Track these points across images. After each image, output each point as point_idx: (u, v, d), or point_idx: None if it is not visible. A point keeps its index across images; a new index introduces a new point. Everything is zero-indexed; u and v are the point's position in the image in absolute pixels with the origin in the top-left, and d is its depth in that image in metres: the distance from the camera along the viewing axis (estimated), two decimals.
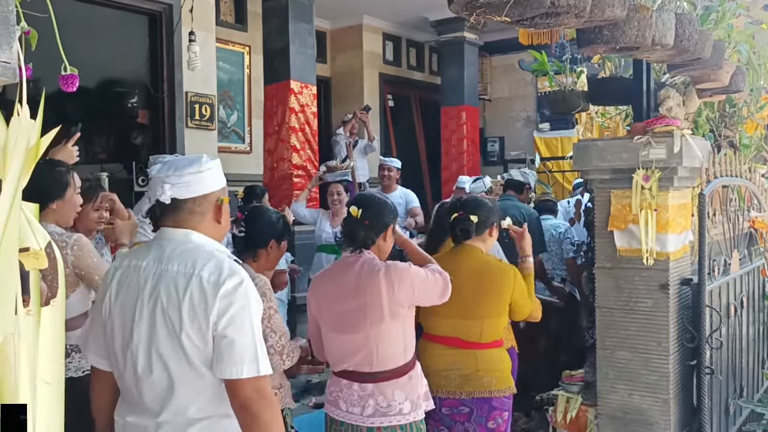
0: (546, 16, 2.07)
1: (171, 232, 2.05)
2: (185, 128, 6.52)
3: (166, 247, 2.03)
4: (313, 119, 6.87)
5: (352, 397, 2.72)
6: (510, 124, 11.17)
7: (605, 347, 3.50)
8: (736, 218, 4.27)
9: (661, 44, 2.59)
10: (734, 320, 4.01)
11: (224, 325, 1.90)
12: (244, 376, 1.89)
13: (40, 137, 1.07)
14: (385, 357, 2.69)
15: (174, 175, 2.01)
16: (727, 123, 4.82)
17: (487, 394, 3.09)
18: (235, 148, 8.17)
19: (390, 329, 2.68)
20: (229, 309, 1.90)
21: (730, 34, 3.66)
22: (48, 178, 2.77)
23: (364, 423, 2.68)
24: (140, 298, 1.98)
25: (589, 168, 3.48)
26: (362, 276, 2.70)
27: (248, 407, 1.90)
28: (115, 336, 2.03)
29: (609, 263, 3.48)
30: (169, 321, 1.93)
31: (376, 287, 2.65)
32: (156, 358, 1.95)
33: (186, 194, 2.02)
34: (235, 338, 1.90)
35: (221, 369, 1.90)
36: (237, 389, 1.90)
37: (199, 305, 1.90)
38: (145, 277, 2.00)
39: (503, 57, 10.89)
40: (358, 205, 2.79)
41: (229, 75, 8.14)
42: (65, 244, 2.74)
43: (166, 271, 1.97)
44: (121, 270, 2.08)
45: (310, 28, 6.91)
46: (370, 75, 9.94)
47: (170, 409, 1.96)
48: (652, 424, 3.38)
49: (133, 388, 2.01)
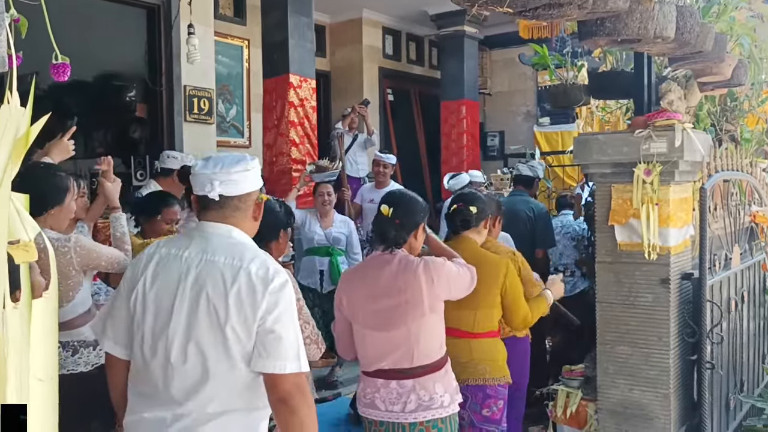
0: (549, 7, 2.05)
1: (214, 226, 2.09)
2: (184, 122, 6.49)
3: (210, 238, 2.06)
4: (312, 113, 6.84)
5: (391, 396, 2.72)
6: (510, 118, 11.14)
7: (605, 342, 3.49)
8: (737, 213, 4.25)
9: (662, 37, 2.57)
10: (735, 315, 4.00)
11: (272, 321, 1.94)
12: (288, 372, 1.93)
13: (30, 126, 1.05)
14: (425, 351, 2.73)
15: (222, 172, 2.06)
16: (729, 117, 4.80)
17: (482, 382, 3.15)
18: (234, 142, 8.14)
19: (429, 323, 2.73)
20: (277, 305, 1.95)
21: (731, 27, 3.64)
22: (49, 184, 2.79)
23: (407, 419, 2.69)
24: (182, 286, 1.99)
25: (590, 162, 3.47)
26: (400, 273, 2.72)
27: (287, 402, 1.93)
28: (146, 321, 2.03)
29: (609, 258, 3.47)
30: (213, 311, 1.95)
31: (416, 283, 2.69)
32: (193, 347, 1.96)
33: (234, 192, 2.07)
34: (283, 335, 1.94)
35: (265, 363, 1.93)
36: (278, 384, 1.94)
37: (247, 298, 1.93)
38: (188, 265, 2.02)
39: (503, 51, 10.85)
40: (389, 203, 2.81)
41: (228, 69, 8.11)
42: (67, 249, 2.77)
43: (212, 261, 2.00)
44: (157, 257, 2.10)
45: (309, 21, 6.87)
46: (369, 69, 9.91)
47: (196, 400, 1.97)
48: (652, 419, 3.37)
49: (158, 378, 2.00)
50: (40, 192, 2.73)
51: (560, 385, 3.84)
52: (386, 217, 2.79)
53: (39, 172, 2.81)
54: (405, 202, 2.85)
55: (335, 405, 5.19)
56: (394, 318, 2.71)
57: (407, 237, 2.82)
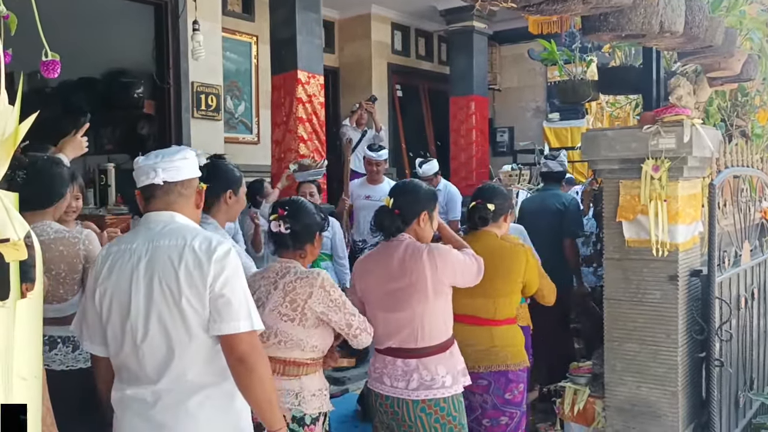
0: (552, 2, 2.03)
1: (156, 215, 2.21)
2: (191, 118, 6.51)
3: (154, 227, 2.18)
4: (320, 109, 6.83)
5: (396, 372, 2.86)
6: (520, 114, 11.11)
7: (613, 339, 3.48)
8: (748, 209, 4.21)
9: (670, 31, 2.54)
10: (745, 312, 3.97)
11: (220, 285, 2.07)
12: (242, 331, 2.06)
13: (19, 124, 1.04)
14: (430, 333, 2.85)
15: (164, 161, 2.20)
16: (739, 112, 4.77)
17: (504, 368, 3.27)
18: (242, 138, 8.15)
19: (434, 307, 2.86)
20: (223, 271, 2.08)
21: (741, 21, 3.60)
22: (56, 176, 2.81)
23: (410, 396, 2.83)
24: (135, 274, 2.12)
25: (598, 158, 3.45)
26: (407, 257, 2.86)
27: (245, 360, 2.06)
28: (111, 314, 2.16)
29: (617, 254, 3.45)
30: (167, 289, 2.08)
31: (420, 267, 2.82)
32: (155, 326, 2.09)
33: (176, 177, 2.21)
34: (231, 297, 2.08)
35: (220, 326, 2.07)
36: (234, 344, 2.07)
37: (195, 270, 2.07)
38: (138, 255, 2.14)
39: (513, 46, 10.81)
40: (391, 194, 2.98)
41: (237, 65, 8.11)
42: (77, 239, 2.77)
43: (158, 246, 2.13)
44: (111, 256, 2.20)
45: (317, 17, 6.86)
46: (378, 65, 9.89)
47: (169, 375, 2.10)
48: (660, 417, 3.35)
49: (132, 360, 2.14)
50: (49, 184, 2.75)
51: (568, 382, 3.82)
52: (386, 207, 2.95)
53: (45, 165, 2.82)
54: (407, 192, 2.99)
55: (343, 401, 5.18)
56: (401, 301, 2.85)
57: (404, 226, 2.94)
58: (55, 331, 2.69)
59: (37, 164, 2.78)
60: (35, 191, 2.68)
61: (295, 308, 2.58)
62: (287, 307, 2.58)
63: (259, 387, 2.10)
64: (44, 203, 2.75)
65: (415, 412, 2.82)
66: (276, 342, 2.60)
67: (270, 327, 2.56)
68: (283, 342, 2.60)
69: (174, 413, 2.12)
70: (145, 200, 2.25)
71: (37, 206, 2.73)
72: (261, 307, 2.56)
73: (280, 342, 2.60)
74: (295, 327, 2.59)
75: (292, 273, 2.64)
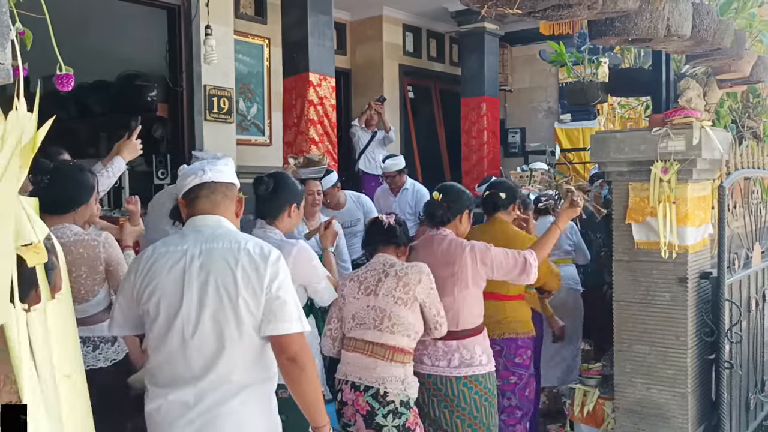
0: (558, 8, 2.04)
1: (204, 219, 2.29)
2: (204, 121, 6.55)
3: (203, 230, 2.26)
4: (332, 111, 6.85)
5: (437, 353, 3.19)
6: (531, 115, 11.08)
7: (622, 341, 3.48)
8: (759, 211, 4.20)
9: (678, 35, 2.55)
10: (755, 314, 3.96)
11: (276, 288, 2.18)
12: (294, 331, 2.18)
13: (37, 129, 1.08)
14: (468, 317, 3.21)
15: (209, 163, 2.34)
16: (751, 114, 4.75)
17: (514, 336, 3.67)
18: (255, 140, 8.19)
19: (472, 295, 3.23)
20: (278, 275, 2.19)
21: (751, 23, 3.59)
22: (78, 182, 2.85)
23: (452, 373, 3.16)
24: (188, 275, 2.19)
25: (607, 160, 3.45)
26: (451, 249, 3.25)
27: (297, 360, 2.18)
28: (160, 312, 2.21)
29: (627, 256, 3.45)
30: (223, 289, 2.16)
31: (464, 260, 3.19)
32: (207, 322, 2.16)
33: (221, 178, 2.32)
34: (287, 299, 2.19)
35: (275, 326, 2.17)
36: (288, 344, 2.18)
37: (252, 272, 2.16)
38: (190, 256, 2.21)
39: (524, 47, 10.78)
40: (440, 191, 3.41)
41: (249, 67, 8.15)
42: (97, 242, 2.81)
43: (212, 248, 2.21)
44: (157, 256, 2.27)
45: (328, 20, 6.88)
46: (390, 66, 9.90)
47: (216, 372, 2.17)
48: (669, 419, 3.35)
49: (178, 356, 2.19)
50: (70, 190, 2.80)
51: (577, 384, 3.83)
52: (436, 200, 3.38)
53: (70, 171, 2.87)
54: (453, 191, 3.43)
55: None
56: (445, 288, 3.15)
57: (452, 218, 3.36)
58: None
59: (61, 169, 2.83)
60: (57, 196, 2.75)
61: (407, 292, 2.92)
62: (401, 291, 2.92)
63: (309, 385, 2.21)
64: (66, 208, 2.80)
65: (458, 387, 3.15)
66: (390, 325, 2.91)
67: (384, 310, 2.92)
68: (396, 325, 2.91)
69: (215, 415, 2.17)
70: (190, 203, 2.32)
71: (58, 210, 2.77)
72: (372, 294, 2.96)
73: (393, 325, 2.91)
74: (406, 311, 2.92)
75: (399, 263, 3.03)
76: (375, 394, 2.89)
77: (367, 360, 2.93)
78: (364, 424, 2.88)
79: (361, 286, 3.04)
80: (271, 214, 2.99)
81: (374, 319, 2.94)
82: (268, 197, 2.98)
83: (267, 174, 3.04)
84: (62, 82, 1.46)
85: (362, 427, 2.88)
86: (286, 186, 3.03)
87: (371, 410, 2.87)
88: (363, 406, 2.88)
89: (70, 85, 1.48)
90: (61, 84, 1.47)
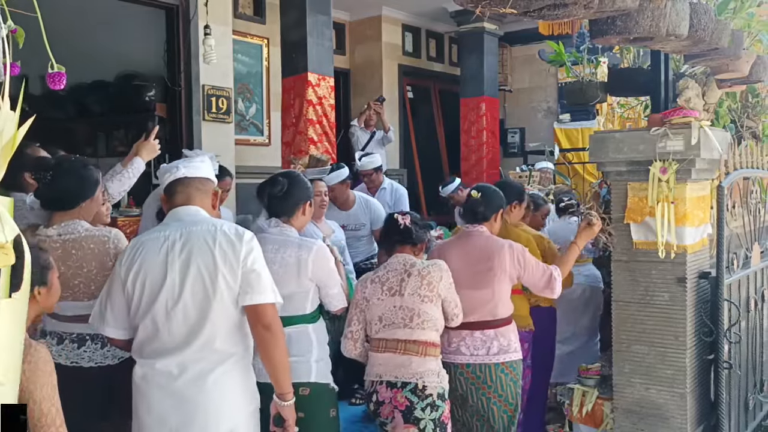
0: (554, 8, 2.04)
1: (184, 209, 2.53)
2: (202, 121, 6.53)
3: (184, 218, 2.50)
4: (330, 111, 6.83)
5: (475, 343, 3.32)
6: (531, 115, 11.06)
7: (621, 341, 3.48)
8: (757, 210, 4.19)
9: (675, 35, 2.55)
10: (755, 314, 3.96)
11: (251, 261, 2.40)
12: (269, 301, 2.40)
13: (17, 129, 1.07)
14: (502, 308, 3.36)
15: (185, 161, 2.61)
16: (750, 113, 4.75)
17: None
18: (254, 140, 8.18)
19: (505, 288, 3.38)
20: (252, 251, 2.43)
21: (749, 23, 3.58)
22: (81, 177, 2.83)
23: (492, 360, 3.30)
24: (171, 255, 2.40)
25: (606, 160, 3.45)
26: (489, 245, 3.40)
27: (271, 327, 2.40)
28: (145, 291, 2.42)
29: (625, 256, 3.45)
30: (203, 265, 2.38)
31: (503, 256, 3.34)
32: (188, 295, 2.37)
33: (195, 173, 2.56)
34: (261, 272, 2.42)
35: (252, 297, 2.39)
36: (263, 312, 2.40)
37: (229, 249, 2.39)
38: (172, 239, 2.43)
39: (524, 47, 10.77)
40: (477, 190, 3.54)
41: (248, 67, 8.14)
42: (107, 238, 2.78)
43: (192, 231, 2.44)
44: (140, 244, 2.50)
45: (327, 20, 6.86)
46: (389, 66, 9.89)
47: (199, 341, 2.38)
48: (668, 419, 3.35)
49: (162, 328, 2.40)
50: (74, 185, 2.80)
51: (576, 384, 3.83)
52: (476, 199, 3.47)
53: (72, 166, 2.86)
54: (490, 191, 3.55)
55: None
56: (484, 281, 3.32)
57: (490, 215, 3.47)
58: (84, 328, 2.71)
59: (63, 165, 2.83)
60: (62, 191, 2.76)
61: (432, 290, 3.04)
62: (425, 289, 3.03)
63: (280, 352, 2.44)
64: (71, 203, 2.79)
65: (496, 373, 3.29)
66: (419, 322, 3.02)
67: (412, 309, 3.02)
68: (425, 321, 3.03)
69: (198, 385, 2.36)
70: (169, 197, 2.57)
71: (64, 206, 2.77)
72: (397, 294, 3.05)
73: (423, 322, 3.03)
74: (432, 307, 3.05)
75: (419, 262, 3.12)
76: (413, 389, 2.98)
77: (402, 358, 3.01)
78: (402, 419, 2.97)
79: (383, 287, 3.09)
80: (286, 213, 3.06)
81: (403, 318, 3.02)
82: (282, 196, 3.04)
83: (280, 174, 3.15)
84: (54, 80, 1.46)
85: (400, 423, 2.97)
86: (300, 184, 3.12)
87: (410, 405, 2.96)
88: (402, 402, 2.98)
89: (61, 83, 1.48)
90: (53, 82, 1.46)
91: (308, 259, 2.91)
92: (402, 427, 2.97)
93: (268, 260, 2.60)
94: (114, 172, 3.53)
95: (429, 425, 2.96)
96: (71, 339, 2.73)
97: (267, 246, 2.83)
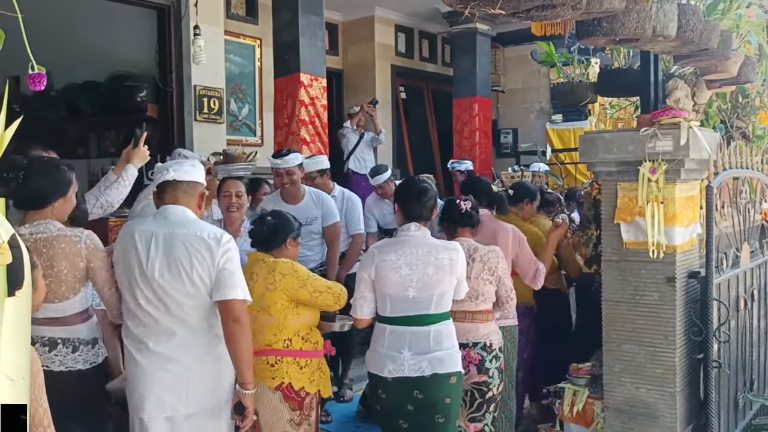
0: (542, 9, 2.04)
1: (171, 208, 2.82)
2: (194, 122, 6.54)
3: (169, 217, 2.79)
4: (323, 112, 6.83)
5: None
6: (524, 115, 11.08)
7: (611, 340, 3.49)
8: (747, 210, 4.21)
9: (663, 35, 2.56)
10: (744, 313, 3.97)
11: (224, 261, 2.72)
12: (239, 298, 2.72)
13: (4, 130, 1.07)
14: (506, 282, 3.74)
15: (175, 164, 2.88)
16: (740, 114, 4.76)
17: None
18: (246, 141, 8.17)
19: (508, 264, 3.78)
20: (227, 252, 2.74)
21: (738, 24, 3.60)
22: (53, 176, 2.82)
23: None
24: (154, 241, 2.74)
25: (596, 160, 3.46)
26: (495, 226, 3.98)
27: (239, 320, 2.71)
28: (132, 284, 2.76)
29: (615, 256, 3.46)
30: (180, 264, 2.71)
31: (506, 236, 3.93)
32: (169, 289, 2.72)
33: (184, 177, 2.83)
34: (234, 271, 2.74)
35: (224, 292, 2.70)
36: (233, 307, 2.71)
37: (207, 253, 2.71)
38: (155, 237, 2.75)
39: (516, 48, 10.79)
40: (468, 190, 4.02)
41: (240, 68, 8.14)
42: (78, 239, 2.78)
43: (174, 233, 2.74)
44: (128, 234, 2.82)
45: (320, 20, 6.86)
46: (382, 67, 9.90)
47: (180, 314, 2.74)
48: (658, 418, 3.36)
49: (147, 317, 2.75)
50: (45, 184, 2.78)
51: (567, 384, 3.84)
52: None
53: (44, 166, 2.85)
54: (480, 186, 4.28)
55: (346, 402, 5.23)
56: None
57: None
58: (55, 332, 2.70)
59: (34, 165, 2.81)
60: (33, 191, 2.74)
61: (492, 274, 3.49)
62: (487, 273, 3.48)
63: (246, 345, 2.73)
64: (42, 203, 2.77)
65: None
66: (483, 299, 3.49)
67: (476, 290, 3.45)
68: (486, 297, 3.51)
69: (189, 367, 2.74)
70: (159, 195, 2.86)
71: (35, 205, 2.76)
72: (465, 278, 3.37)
73: (485, 300, 3.51)
74: (491, 287, 3.51)
75: (480, 248, 3.52)
76: (483, 346, 3.46)
77: (470, 325, 3.47)
78: (476, 370, 3.44)
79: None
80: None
81: (470, 296, 3.41)
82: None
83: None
84: (34, 81, 1.46)
85: (474, 374, 3.44)
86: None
87: (482, 359, 3.44)
88: (475, 357, 3.45)
89: (42, 84, 1.48)
90: (33, 83, 1.46)
91: (458, 260, 3.20)
92: (476, 377, 3.44)
93: (422, 263, 3.07)
94: (108, 182, 3.54)
95: (495, 372, 3.47)
96: (42, 342, 2.70)
97: (415, 249, 3.14)
